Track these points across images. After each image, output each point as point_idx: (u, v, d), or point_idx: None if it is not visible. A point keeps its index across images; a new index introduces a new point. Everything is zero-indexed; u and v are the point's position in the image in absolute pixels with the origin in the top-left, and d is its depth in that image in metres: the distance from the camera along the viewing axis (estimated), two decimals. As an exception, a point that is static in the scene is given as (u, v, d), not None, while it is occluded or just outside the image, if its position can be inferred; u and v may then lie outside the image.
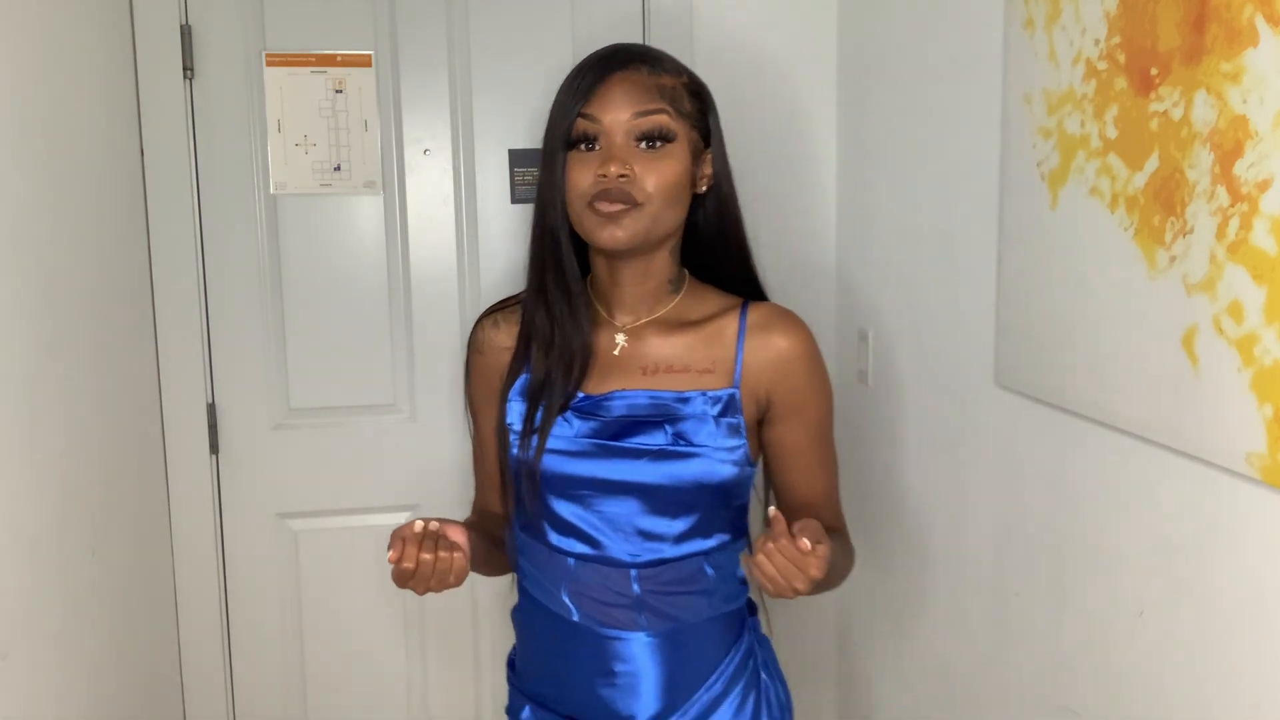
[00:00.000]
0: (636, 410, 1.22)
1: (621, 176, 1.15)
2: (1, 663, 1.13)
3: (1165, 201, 1.00)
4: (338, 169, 1.87)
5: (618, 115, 1.17)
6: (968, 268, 1.44)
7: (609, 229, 1.17)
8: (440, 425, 1.94)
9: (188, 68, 1.80)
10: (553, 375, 1.23)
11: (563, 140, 1.19)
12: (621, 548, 1.22)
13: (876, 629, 1.86)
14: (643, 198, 1.16)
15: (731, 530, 1.27)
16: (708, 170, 1.25)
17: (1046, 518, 1.27)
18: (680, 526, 1.22)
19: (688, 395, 1.22)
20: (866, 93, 1.81)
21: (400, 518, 1.88)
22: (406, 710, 2.01)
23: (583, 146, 1.18)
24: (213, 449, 1.89)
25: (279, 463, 1.92)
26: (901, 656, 1.76)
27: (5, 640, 1.15)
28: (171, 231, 1.82)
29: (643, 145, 1.17)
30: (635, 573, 1.22)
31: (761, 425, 1.27)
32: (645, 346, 1.25)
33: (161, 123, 1.80)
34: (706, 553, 1.24)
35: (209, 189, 1.84)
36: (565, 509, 1.23)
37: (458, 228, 1.92)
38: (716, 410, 1.22)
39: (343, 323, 1.91)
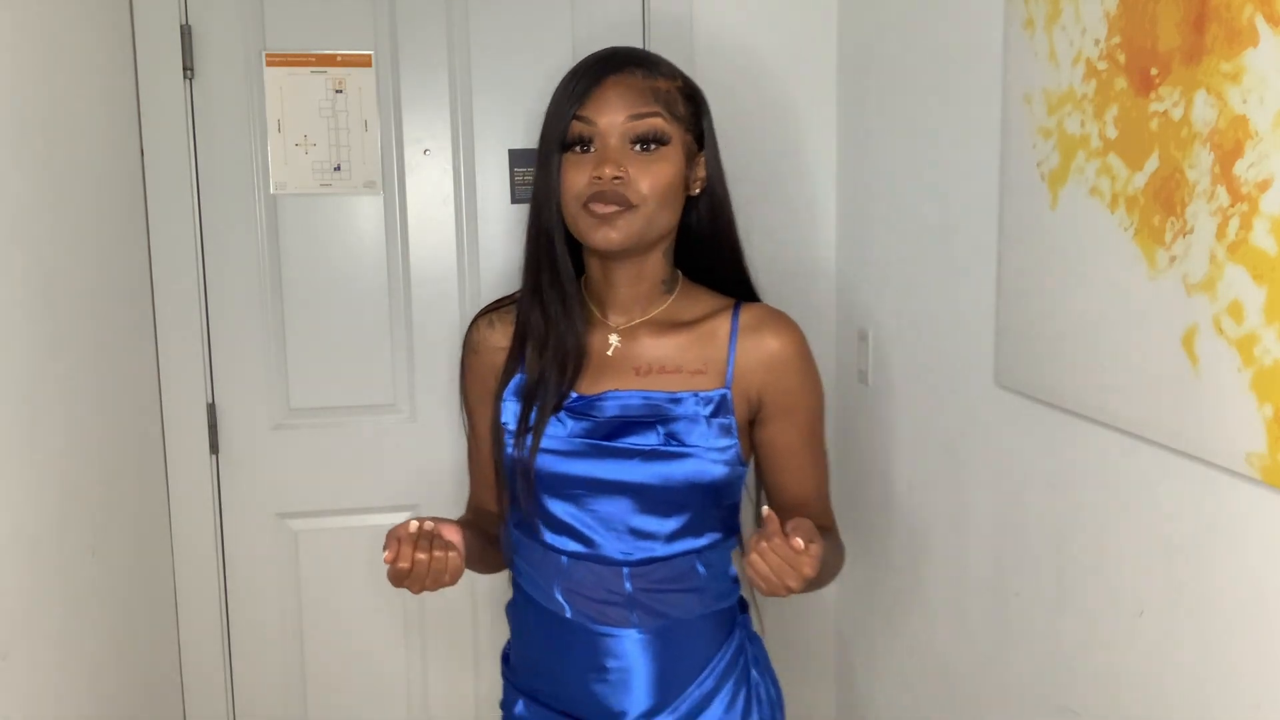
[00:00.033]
0: (629, 411, 1.23)
1: (616, 179, 1.17)
2: (1, 663, 1.13)
3: (1165, 201, 1.00)
4: (338, 169, 1.87)
5: (613, 118, 1.18)
6: (968, 268, 1.44)
7: (603, 230, 1.18)
8: (440, 425, 1.94)
9: (188, 68, 1.80)
10: (546, 375, 1.24)
11: (558, 142, 1.20)
12: (614, 546, 1.23)
13: (876, 629, 1.86)
14: (637, 200, 1.17)
15: (723, 529, 1.28)
16: (701, 172, 1.26)
17: (1046, 518, 1.27)
18: (672, 525, 1.24)
19: (680, 396, 1.23)
20: (866, 93, 1.81)
21: (400, 518, 1.88)
22: (406, 710, 2.01)
23: (578, 148, 1.19)
24: (213, 449, 1.89)
25: (279, 463, 1.92)
26: (901, 656, 1.76)
27: (5, 640, 1.15)
28: (171, 231, 1.82)
29: (637, 148, 1.18)
30: (627, 571, 1.24)
31: (753, 425, 1.28)
32: (638, 347, 1.26)
33: (161, 123, 1.80)
34: (698, 551, 1.26)
35: (209, 189, 1.84)
36: (559, 508, 1.24)
37: (458, 228, 1.92)
38: (708, 411, 1.23)
39: (343, 323, 1.91)
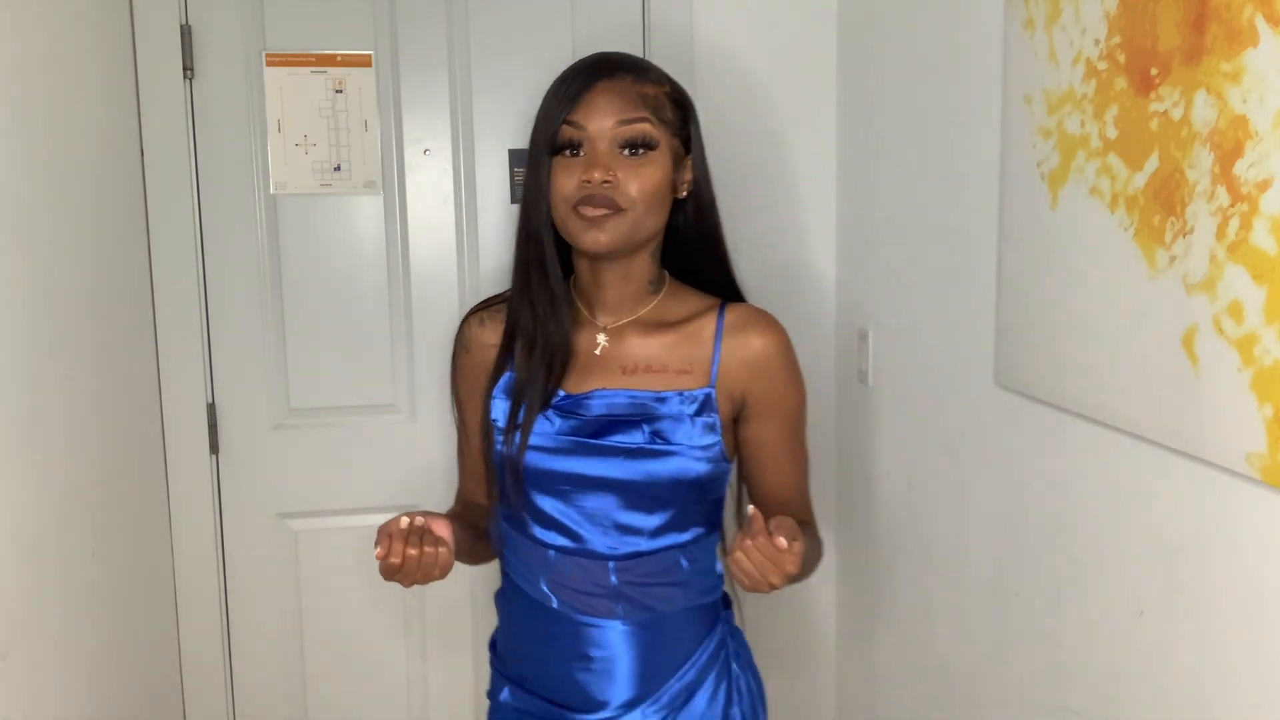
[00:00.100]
0: (615, 409, 1.26)
1: (605, 182, 1.19)
2: (1, 663, 1.13)
3: (1165, 201, 1.00)
4: (338, 169, 1.87)
5: (602, 123, 1.20)
6: (968, 268, 1.44)
7: (592, 233, 1.20)
8: (440, 425, 1.93)
9: (188, 68, 1.80)
10: (534, 374, 1.26)
11: (548, 145, 1.22)
12: (600, 541, 1.26)
13: (876, 628, 1.86)
14: (625, 203, 1.20)
15: (706, 524, 1.31)
16: (688, 176, 1.28)
17: (1046, 518, 1.27)
18: (657, 521, 1.26)
19: (665, 395, 1.25)
20: (866, 93, 1.81)
21: (400, 518, 1.88)
22: (406, 709, 2.01)
23: (567, 152, 1.22)
24: (213, 449, 1.89)
25: (279, 463, 1.92)
26: (901, 656, 1.76)
27: (5, 640, 1.15)
28: (171, 231, 1.82)
29: (625, 152, 1.21)
30: (613, 565, 1.26)
31: (737, 423, 1.31)
32: (625, 346, 1.28)
33: (161, 123, 1.80)
34: (682, 546, 1.28)
35: (209, 189, 1.84)
36: (547, 503, 1.27)
37: (458, 228, 1.92)
38: (693, 409, 1.25)
39: (343, 323, 1.91)
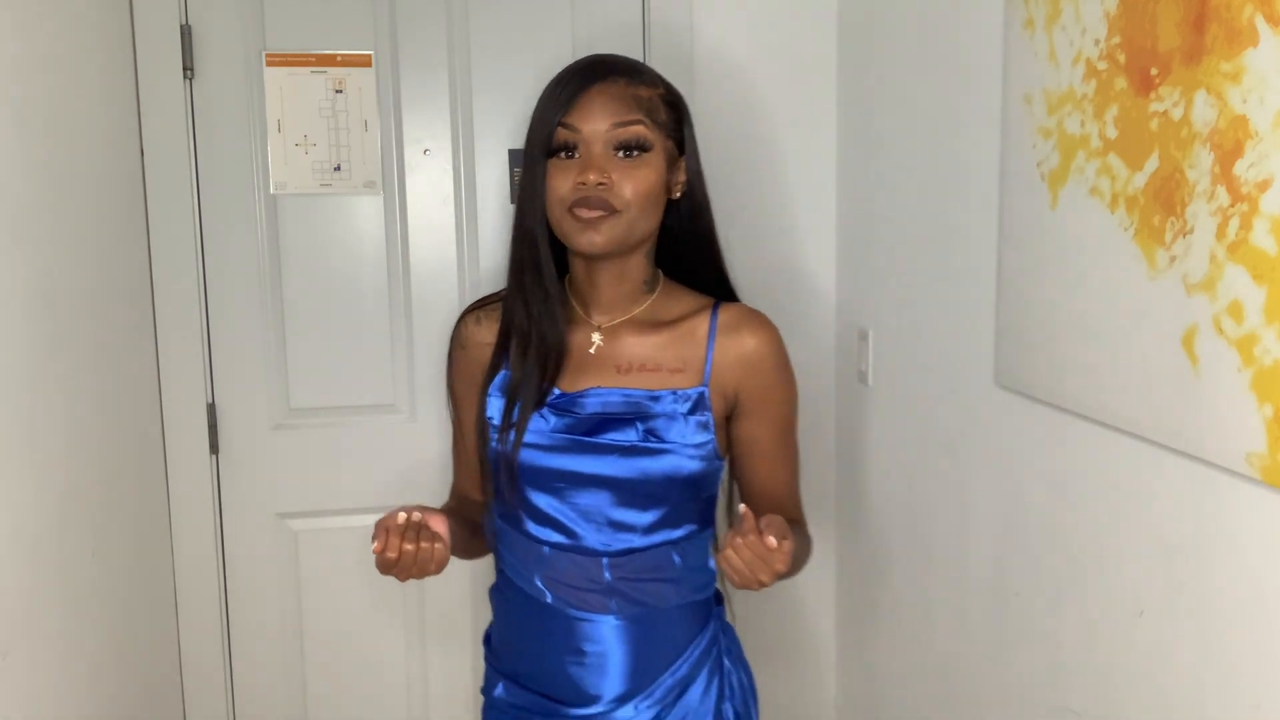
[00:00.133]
0: (610, 407, 1.27)
1: (600, 184, 1.21)
2: (1, 663, 1.13)
3: (1165, 201, 1.00)
4: (338, 169, 1.87)
5: (597, 125, 1.22)
6: (968, 268, 1.44)
7: (588, 234, 1.22)
8: (440, 425, 1.93)
9: (188, 68, 1.80)
10: (529, 372, 1.28)
11: (543, 147, 1.24)
12: (594, 537, 1.28)
13: (876, 628, 1.86)
14: (620, 205, 1.22)
15: (699, 521, 1.33)
16: (682, 176, 1.30)
17: (1046, 518, 1.27)
18: (650, 518, 1.28)
19: (659, 394, 1.27)
20: (866, 93, 1.81)
21: (400, 518, 1.88)
22: (406, 709, 2.01)
23: (563, 154, 1.23)
24: (213, 449, 1.89)
25: (279, 463, 1.92)
26: (901, 656, 1.76)
27: (5, 640, 1.15)
28: (171, 231, 1.82)
29: (620, 154, 1.23)
30: (607, 561, 1.28)
31: (729, 421, 1.32)
32: (620, 345, 1.30)
33: (161, 123, 1.80)
34: (675, 542, 1.30)
35: (209, 189, 1.84)
36: (541, 500, 1.28)
37: (458, 228, 1.92)
38: (686, 408, 1.27)
39: (343, 323, 1.91)
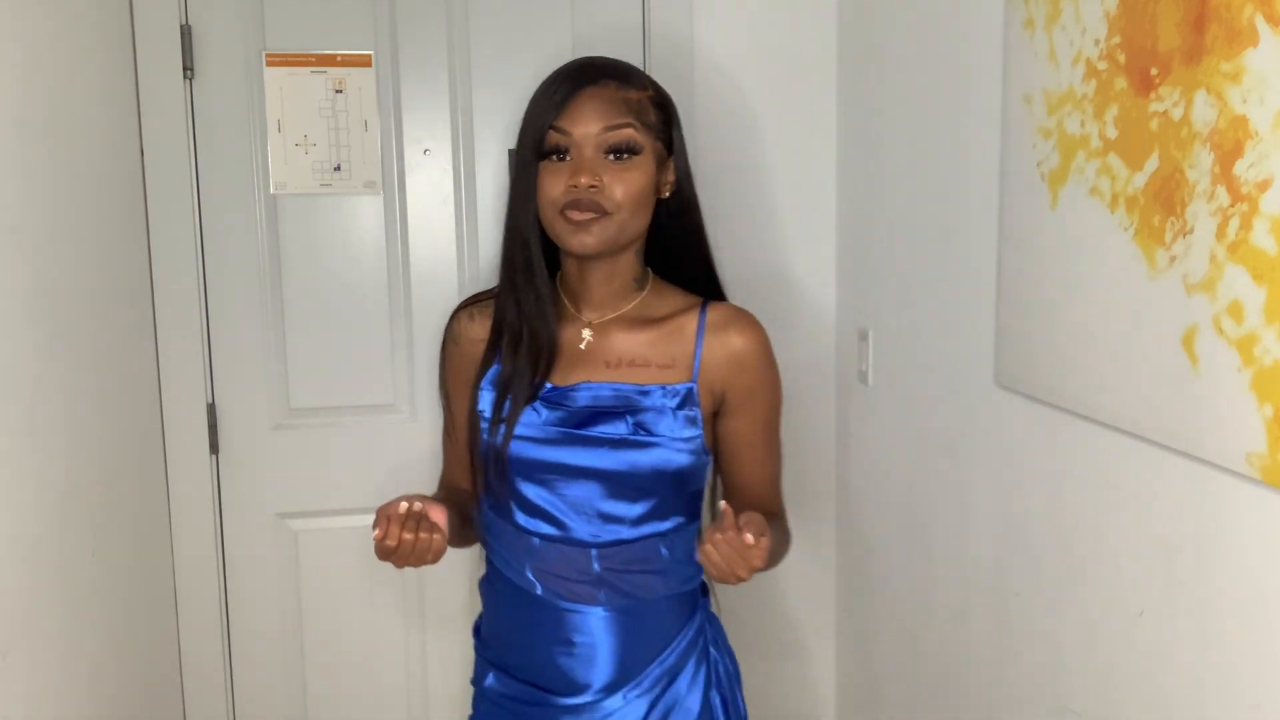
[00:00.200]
0: (600, 401, 1.30)
1: (591, 187, 1.24)
2: (1, 663, 1.13)
3: (1165, 201, 1.00)
4: (338, 169, 1.87)
5: (588, 129, 1.24)
6: (968, 268, 1.44)
7: (580, 236, 1.25)
8: (439, 425, 1.93)
9: (188, 68, 1.80)
10: (521, 368, 1.31)
11: (535, 150, 1.26)
12: (584, 529, 1.31)
13: (876, 628, 1.86)
14: (611, 206, 1.25)
15: (686, 514, 1.36)
16: (671, 177, 1.33)
17: (1046, 518, 1.27)
18: (638, 510, 1.31)
19: (648, 388, 1.30)
20: (866, 93, 1.81)
21: (400, 518, 1.88)
22: (406, 709, 2.01)
23: (554, 157, 1.26)
24: (213, 449, 1.89)
25: (279, 463, 1.92)
26: (901, 656, 1.76)
27: (5, 640, 1.15)
28: (171, 231, 1.82)
29: (610, 157, 1.25)
30: (595, 552, 1.31)
31: (715, 417, 1.35)
32: (610, 341, 1.33)
33: (161, 123, 1.80)
34: (662, 534, 1.33)
35: (209, 189, 1.84)
36: (532, 492, 1.31)
37: (458, 228, 1.92)
38: (675, 403, 1.30)
39: (343, 323, 1.91)
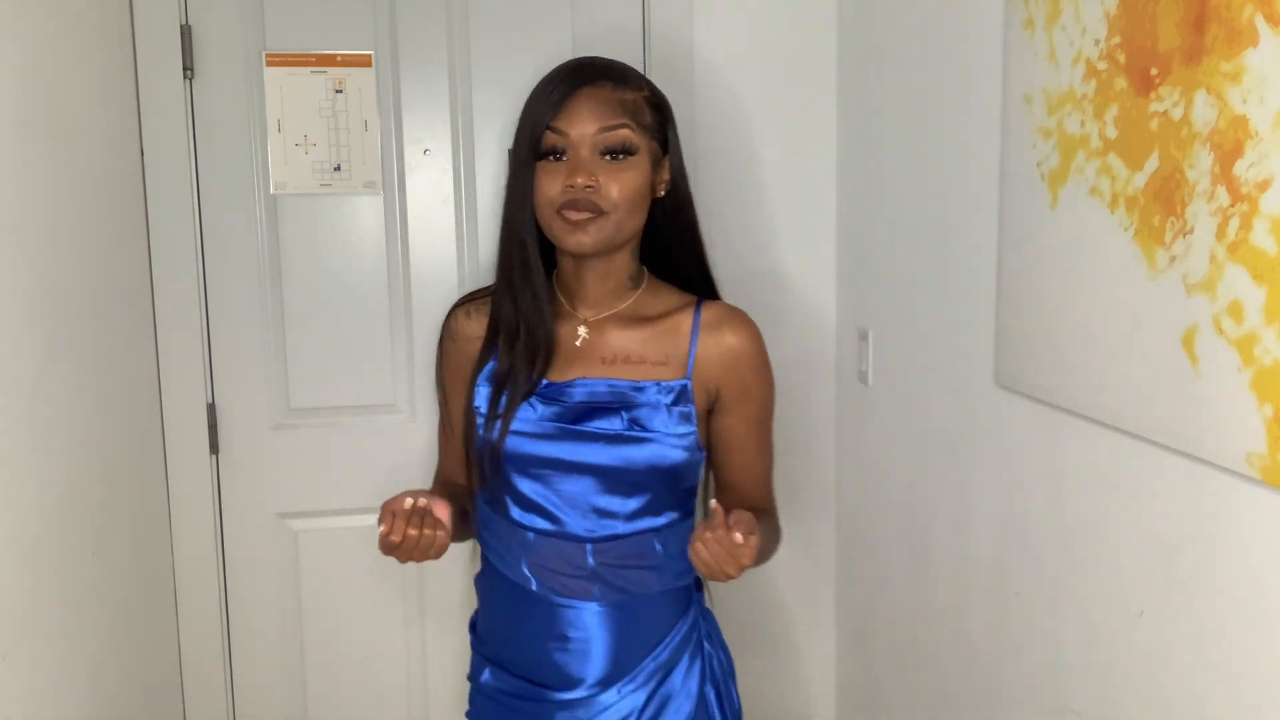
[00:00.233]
0: (596, 397, 1.31)
1: (588, 187, 1.25)
2: (1, 663, 1.13)
3: (1165, 201, 1.00)
4: (338, 169, 1.87)
5: (584, 129, 1.25)
6: (968, 268, 1.44)
7: (576, 235, 1.27)
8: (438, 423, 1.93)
9: (188, 68, 1.80)
10: (517, 364, 1.32)
11: (531, 150, 1.27)
12: (579, 524, 1.32)
13: (876, 628, 1.86)
14: (608, 206, 1.26)
15: (680, 510, 1.37)
16: (665, 176, 1.35)
17: (1046, 518, 1.27)
18: (633, 505, 1.32)
19: (643, 385, 1.31)
20: (866, 93, 1.81)
21: (400, 518, 1.88)
22: (406, 709, 2.01)
23: (551, 157, 1.27)
24: (213, 449, 1.89)
25: (279, 463, 1.92)
26: (901, 656, 1.76)
27: (5, 640, 1.15)
28: (171, 231, 1.82)
29: (607, 157, 1.26)
30: (590, 547, 1.32)
31: (710, 414, 1.36)
32: (606, 338, 1.34)
33: (161, 123, 1.80)
34: (656, 530, 1.34)
35: (209, 189, 1.84)
36: (527, 486, 1.32)
37: (458, 228, 1.92)
38: (669, 399, 1.31)
39: (343, 323, 1.91)
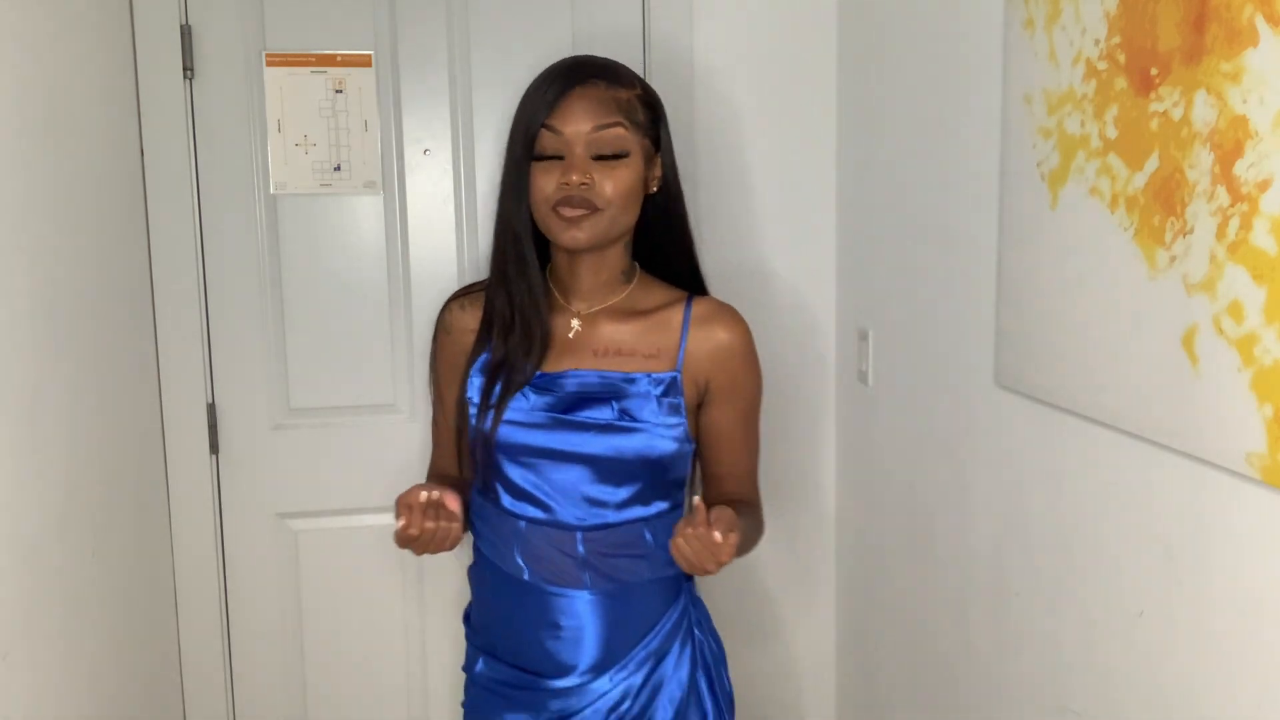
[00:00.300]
0: (587, 387, 1.34)
1: (583, 185, 1.28)
2: (1, 663, 1.13)
3: (1165, 201, 1.00)
4: (338, 169, 1.87)
5: (579, 128, 1.28)
6: (968, 268, 1.44)
7: (571, 232, 1.30)
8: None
9: (188, 68, 1.80)
10: (512, 356, 1.35)
11: (526, 149, 1.30)
12: (570, 512, 1.34)
13: (876, 629, 1.86)
14: (602, 203, 1.29)
15: (670, 500, 1.41)
16: (658, 172, 1.38)
17: (1046, 518, 1.27)
18: (623, 494, 1.35)
19: (634, 376, 1.34)
20: (866, 93, 1.81)
21: (400, 518, 1.88)
22: (406, 709, 2.01)
23: (546, 155, 1.29)
24: (213, 449, 1.89)
25: (279, 463, 1.92)
26: (901, 656, 1.76)
27: (5, 640, 1.15)
28: (171, 231, 1.82)
29: (600, 155, 1.29)
30: (581, 535, 1.34)
31: (698, 408, 1.39)
32: (598, 331, 1.37)
33: (161, 123, 1.80)
34: (646, 520, 1.37)
35: (209, 189, 1.84)
36: (518, 475, 1.35)
37: (458, 228, 1.92)
38: (659, 391, 1.34)
39: (343, 323, 1.91)
